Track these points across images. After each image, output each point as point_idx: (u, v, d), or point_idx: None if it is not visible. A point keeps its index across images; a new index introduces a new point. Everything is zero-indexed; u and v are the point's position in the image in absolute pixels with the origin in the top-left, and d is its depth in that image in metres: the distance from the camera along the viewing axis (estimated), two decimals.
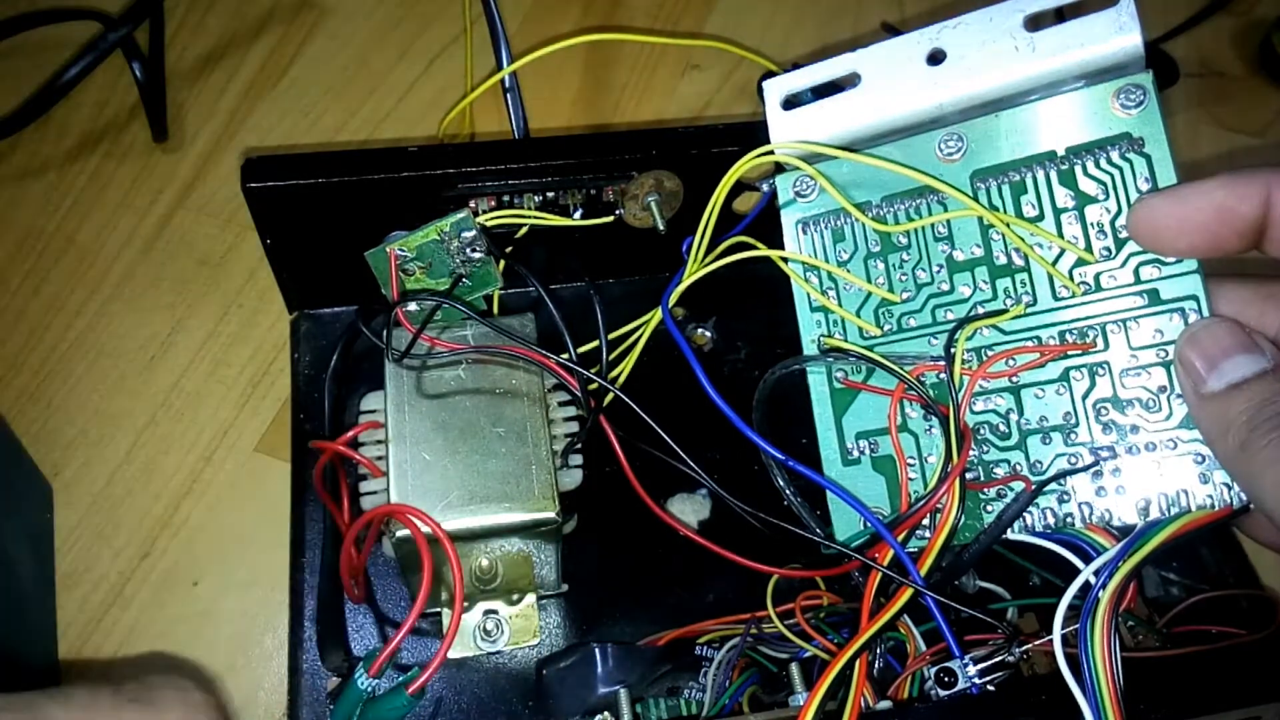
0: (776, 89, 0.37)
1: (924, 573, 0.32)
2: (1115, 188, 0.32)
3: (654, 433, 0.35)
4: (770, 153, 0.36)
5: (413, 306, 0.38)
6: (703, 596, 0.40)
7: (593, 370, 0.37)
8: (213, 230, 0.52)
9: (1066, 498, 0.32)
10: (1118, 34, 0.32)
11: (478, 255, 0.39)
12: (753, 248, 0.37)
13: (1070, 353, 0.33)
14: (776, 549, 0.36)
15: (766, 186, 0.40)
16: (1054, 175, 0.33)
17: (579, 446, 0.37)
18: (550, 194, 0.41)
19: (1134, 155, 0.32)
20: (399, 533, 0.34)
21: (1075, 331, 0.33)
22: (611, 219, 0.42)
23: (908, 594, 0.32)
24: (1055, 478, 0.32)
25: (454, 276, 0.39)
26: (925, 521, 0.33)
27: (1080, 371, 0.33)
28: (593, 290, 0.40)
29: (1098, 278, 0.32)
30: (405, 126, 0.56)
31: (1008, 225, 0.33)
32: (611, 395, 0.38)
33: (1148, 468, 0.31)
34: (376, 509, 0.34)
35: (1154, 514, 0.31)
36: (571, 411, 0.38)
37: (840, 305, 0.36)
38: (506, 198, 0.41)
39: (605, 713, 0.35)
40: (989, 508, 0.33)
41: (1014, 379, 0.33)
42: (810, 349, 0.37)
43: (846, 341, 0.36)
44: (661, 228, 0.42)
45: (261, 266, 0.49)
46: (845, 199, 0.35)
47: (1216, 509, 0.30)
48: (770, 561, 0.36)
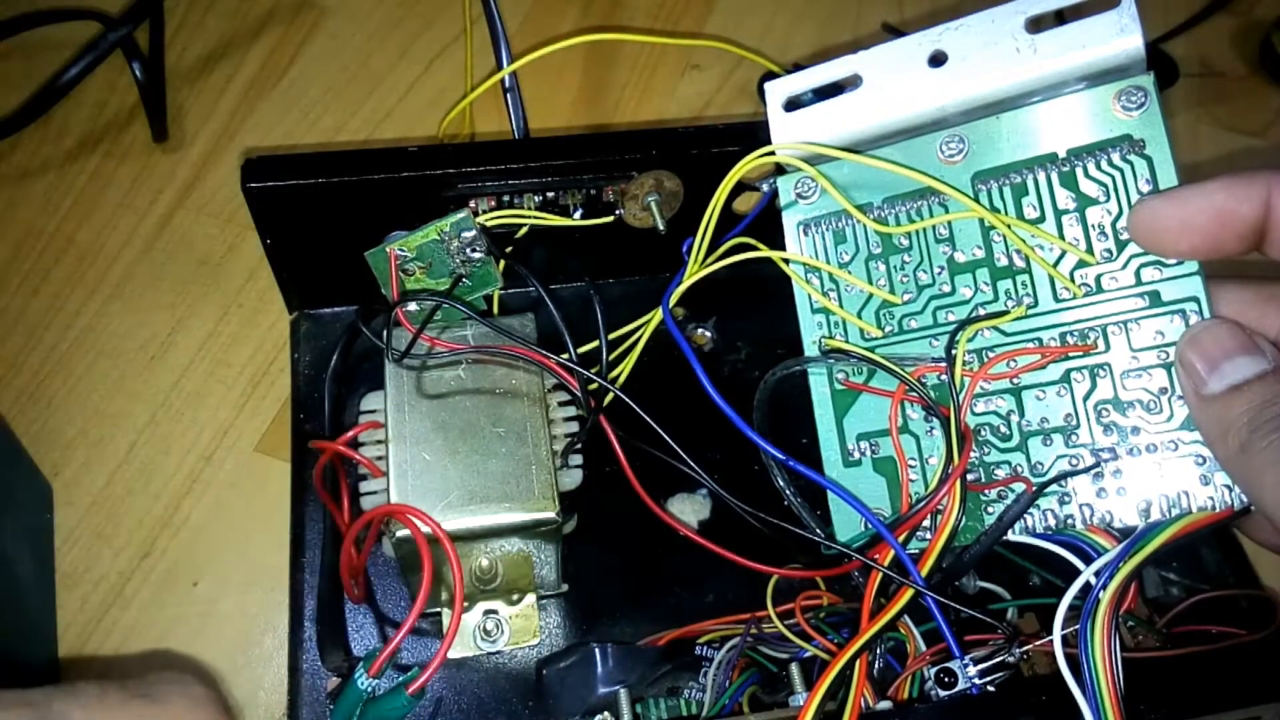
0: (778, 91, 0.37)
1: (924, 573, 0.32)
2: (1116, 189, 0.32)
3: (654, 433, 0.35)
4: (771, 153, 0.36)
5: (413, 306, 0.38)
6: (703, 596, 0.40)
7: (593, 370, 0.37)
8: (213, 230, 0.52)
9: (1067, 499, 0.32)
10: (1119, 36, 0.32)
11: (478, 255, 0.39)
12: (754, 248, 0.37)
13: (1071, 354, 0.33)
14: (776, 549, 0.36)
15: (767, 187, 0.40)
16: (1055, 177, 0.33)
17: (579, 446, 0.37)
18: (550, 194, 0.41)
19: (1135, 157, 0.32)
20: (399, 533, 0.34)
21: (1076, 333, 0.33)
22: (611, 219, 0.42)
23: (908, 594, 0.32)
24: (1056, 479, 0.32)
25: (454, 276, 0.39)
26: (926, 523, 0.33)
27: (1081, 373, 0.33)
28: (593, 290, 0.40)
29: (1099, 279, 0.32)
30: (405, 126, 0.56)
31: (1009, 227, 0.33)
32: (611, 395, 0.38)
33: (1149, 469, 0.31)
34: (376, 509, 0.34)
35: (1155, 515, 0.31)
36: (571, 411, 0.38)
37: (841, 306, 0.36)
38: (506, 198, 0.41)
39: (605, 713, 0.35)
40: (990, 509, 0.33)
41: (1015, 380, 0.33)
42: (811, 350, 0.37)
43: (847, 343, 0.36)
44: (661, 228, 0.42)
45: (261, 266, 0.49)
46: (846, 200, 0.35)
47: (1217, 510, 0.30)
48: (770, 561, 0.36)
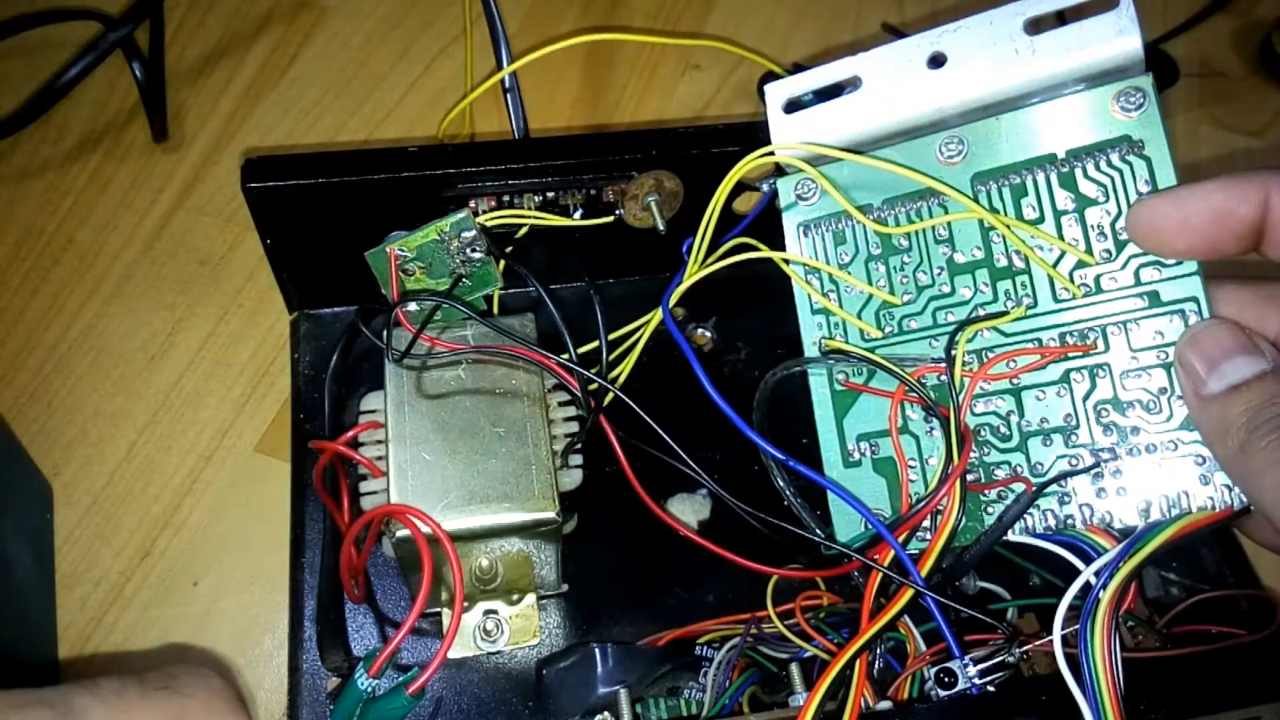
0: (778, 92, 0.37)
1: (924, 574, 0.32)
2: (1115, 190, 0.32)
3: (654, 433, 0.35)
4: (771, 154, 0.37)
5: (413, 306, 0.38)
6: (703, 596, 0.40)
7: (593, 370, 0.37)
8: (213, 230, 0.52)
9: (1067, 499, 0.32)
10: (1118, 37, 0.32)
11: (478, 255, 0.39)
12: (754, 248, 0.37)
13: (1071, 354, 0.33)
14: (776, 549, 0.36)
15: (767, 187, 0.40)
16: (1054, 178, 0.33)
17: (579, 446, 0.37)
18: (550, 194, 0.41)
19: (1134, 158, 0.32)
20: (399, 533, 0.34)
21: (1076, 333, 0.33)
22: (611, 219, 0.42)
23: (908, 594, 0.32)
24: (1056, 479, 0.32)
25: (454, 276, 0.39)
26: (926, 523, 0.33)
27: (1081, 373, 0.33)
28: (593, 290, 0.40)
29: (1098, 280, 0.32)
30: (405, 126, 0.56)
31: (1008, 227, 0.33)
32: (611, 395, 0.38)
33: (1148, 469, 0.31)
34: (376, 509, 0.34)
35: (1155, 515, 0.31)
36: (571, 411, 0.38)
37: (841, 307, 0.36)
38: (506, 198, 0.41)
39: (605, 713, 0.35)
40: (990, 509, 0.33)
41: (1015, 381, 0.33)
42: (811, 351, 0.37)
43: (847, 343, 0.36)
44: (661, 228, 0.42)
45: (261, 266, 0.49)
46: (846, 201, 0.35)
47: (1217, 510, 0.30)
48: (770, 562, 0.36)
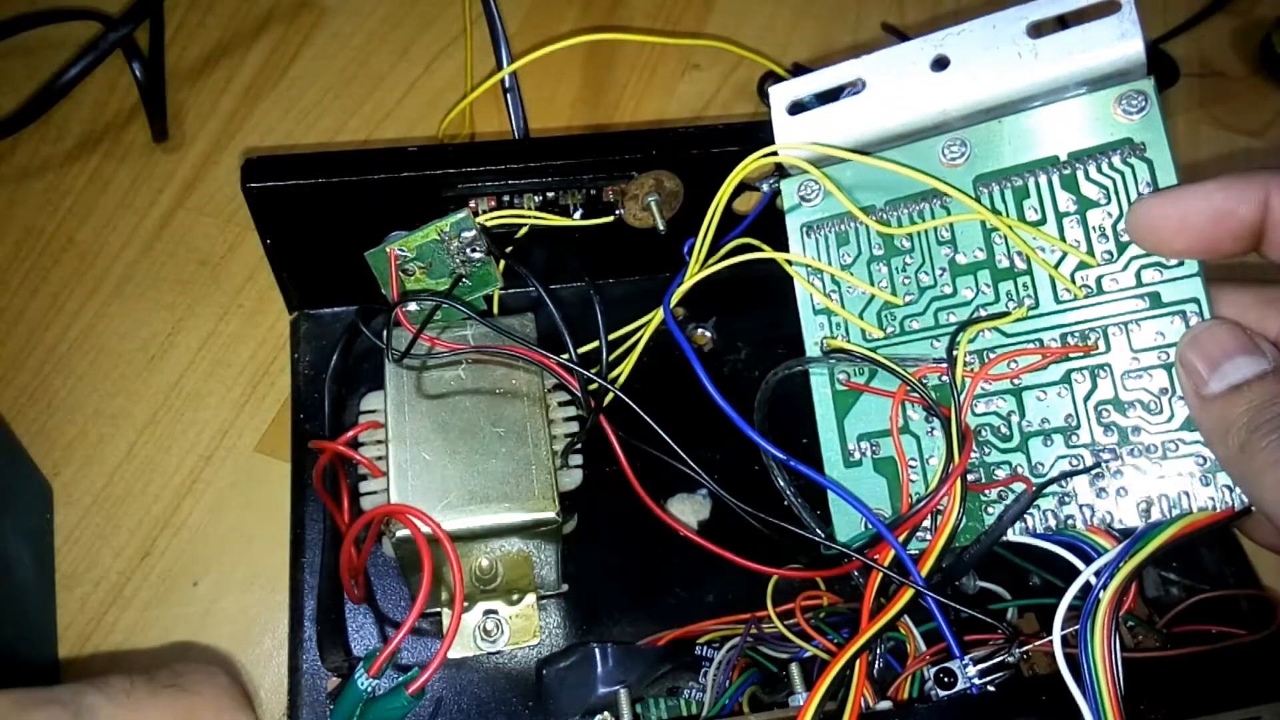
0: (782, 94, 0.37)
1: (924, 573, 0.32)
2: (1117, 192, 0.32)
3: (654, 433, 0.35)
4: (775, 153, 0.37)
5: (413, 306, 0.38)
6: (703, 596, 0.40)
7: (593, 370, 0.37)
8: (213, 230, 0.52)
9: (1068, 499, 0.32)
10: (1120, 40, 0.32)
11: (478, 255, 0.39)
12: (756, 249, 0.37)
13: (1072, 355, 0.33)
14: (776, 549, 0.36)
15: (767, 187, 0.40)
16: (1056, 180, 0.33)
17: (579, 446, 0.37)
18: (550, 194, 0.41)
19: (1136, 160, 0.32)
20: (399, 533, 0.34)
21: (1077, 334, 0.33)
22: (611, 219, 0.42)
23: (908, 594, 0.32)
24: (1056, 479, 0.32)
25: (454, 276, 0.39)
26: (926, 523, 0.33)
27: (1082, 374, 0.33)
28: (593, 290, 0.40)
29: (1099, 281, 0.32)
30: (405, 126, 0.56)
31: (1010, 229, 0.33)
32: (611, 395, 0.38)
33: (1149, 469, 0.31)
34: (376, 509, 0.34)
35: (1155, 516, 0.31)
36: (571, 411, 0.38)
37: (843, 307, 0.36)
38: (506, 198, 0.41)
39: (605, 713, 0.35)
40: (990, 509, 0.33)
41: (1016, 381, 0.33)
42: (813, 351, 0.37)
43: (849, 343, 0.36)
44: (662, 228, 0.42)
45: (261, 266, 0.49)
46: (850, 202, 0.35)
47: (1218, 511, 0.30)
48: (770, 562, 0.36)
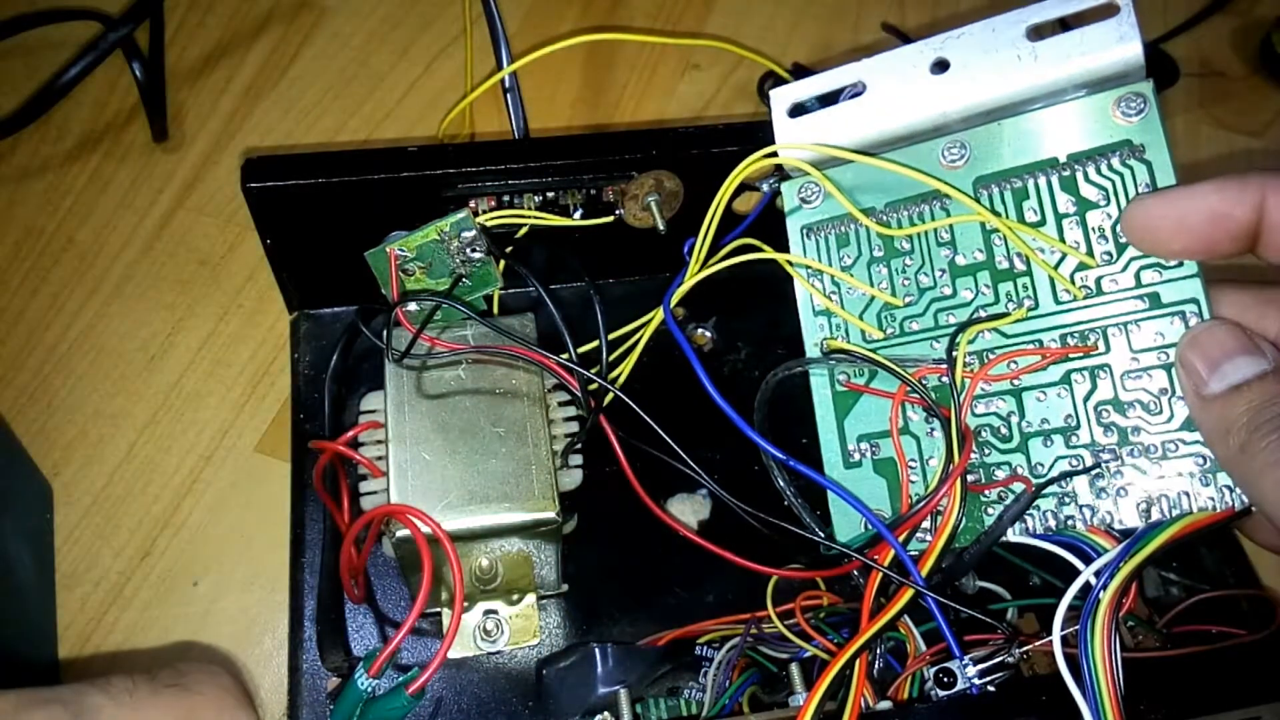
0: (783, 97, 0.37)
1: (924, 574, 0.32)
2: (1116, 194, 0.32)
3: (654, 433, 0.35)
4: (774, 154, 0.37)
5: (413, 306, 0.38)
6: (703, 596, 0.40)
7: (593, 370, 0.37)
8: (213, 230, 0.52)
9: (1068, 500, 0.32)
10: (1119, 43, 0.32)
11: (478, 255, 0.39)
12: (757, 249, 0.37)
13: (1071, 355, 0.33)
14: (776, 549, 0.36)
15: (767, 187, 0.40)
16: (1056, 181, 0.33)
17: (579, 446, 0.37)
18: (550, 194, 0.41)
19: (1135, 162, 0.32)
20: (399, 533, 0.34)
21: (1077, 334, 0.33)
22: (611, 219, 0.42)
23: (908, 594, 0.32)
24: (1056, 479, 0.32)
25: (454, 276, 0.39)
26: (926, 524, 0.33)
27: (1081, 374, 0.33)
28: (593, 290, 0.40)
29: (1099, 282, 0.33)
30: (405, 126, 0.56)
31: (1010, 230, 0.33)
32: (611, 395, 0.38)
33: (1149, 470, 0.31)
34: (376, 509, 0.34)
35: (1155, 516, 0.31)
36: (571, 411, 0.38)
37: (843, 308, 0.36)
38: (506, 198, 0.41)
39: (605, 713, 0.35)
40: (990, 510, 0.33)
41: (1015, 381, 0.33)
42: (813, 351, 0.37)
43: (849, 344, 0.36)
44: (662, 228, 0.42)
45: (261, 266, 0.49)
46: (850, 203, 0.35)
47: (1218, 511, 0.30)
48: (770, 562, 0.36)
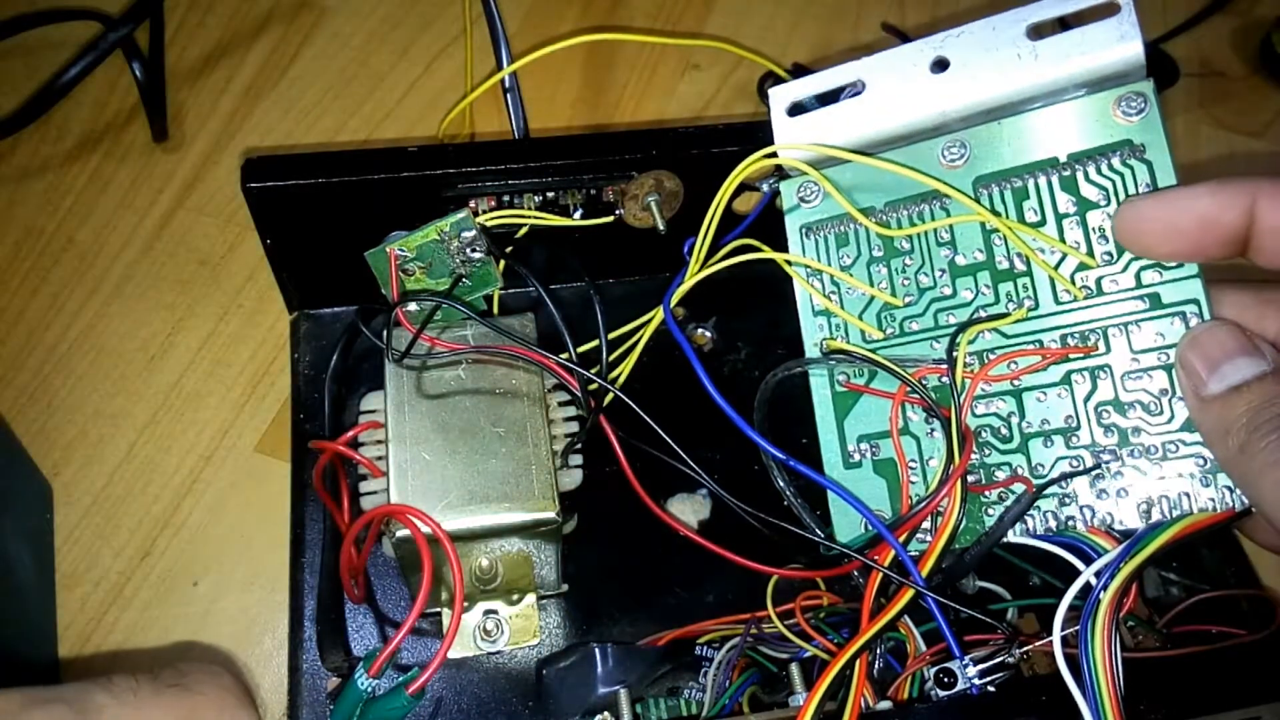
0: (781, 96, 0.37)
1: (925, 574, 0.32)
2: (1116, 193, 0.32)
3: (654, 433, 0.35)
4: (775, 154, 0.36)
5: (413, 306, 0.38)
6: (703, 596, 0.40)
7: (593, 370, 0.37)
8: (213, 230, 0.52)
9: (1068, 500, 0.32)
10: (1119, 43, 0.32)
11: (478, 255, 0.39)
12: (756, 249, 0.37)
13: (1072, 356, 0.33)
14: (776, 549, 0.36)
15: (767, 187, 0.40)
16: (1056, 181, 0.33)
17: (579, 446, 0.37)
18: (550, 194, 0.41)
19: (1135, 161, 0.32)
20: (399, 533, 0.34)
21: (1077, 335, 0.33)
22: (611, 219, 0.42)
23: (908, 595, 0.32)
24: (1057, 480, 0.32)
25: (454, 276, 0.39)
26: (926, 524, 0.33)
27: (1082, 375, 0.33)
28: (593, 290, 0.40)
29: (1099, 282, 0.32)
30: (405, 126, 0.56)
31: (1010, 230, 0.33)
32: (611, 395, 0.38)
33: (1149, 470, 0.31)
34: (376, 509, 0.34)
35: (1156, 517, 0.31)
36: (571, 411, 0.38)
37: (843, 308, 0.36)
38: (506, 198, 0.41)
39: (605, 713, 0.35)
40: (990, 510, 0.33)
41: (1015, 382, 0.33)
42: (813, 352, 0.37)
43: (849, 344, 0.36)
44: (662, 228, 0.42)
45: (261, 266, 0.49)
46: (849, 203, 0.35)
47: (1218, 512, 0.30)
48: (770, 562, 0.36)
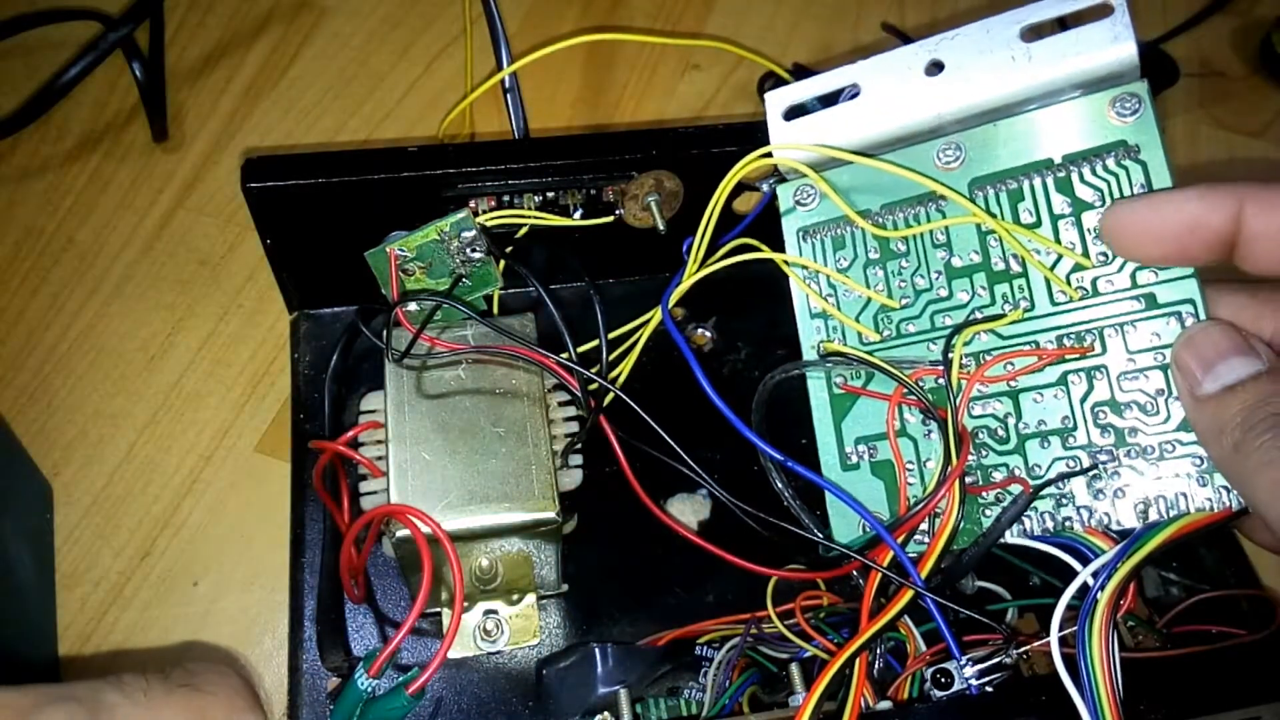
0: (777, 100, 0.37)
1: (924, 575, 0.32)
2: (1112, 194, 0.32)
3: (654, 433, 0.35)
4: (771, 154, 0.37)
5: (413, 306, 0.38)
6: (703, 596, 0.40)
7: (593, 370, 0.37)
8: (213, 230, 0.52)
9: (1065, 501, 0.32)
10: (1113, 44, 0.32)
11: (478, 255, 0.39)
12: (754, 249, 0.38)
13: (1068, 357, 0.33)
14: (776, 550, 0.36)
15: (767, 187, 0.40)
16: (1051, 182, 0.33)
17: (579, 446, 0.37)
18: (550, 194, 0.41)
19: (1130, 162, 0.32)
20: (399, 533, 0.34)
21: (1073, 336, 0.33)
22: (611, 219, 0.42)
23: (908, 595, 0.32)
24: (1054, 481, 0.32)
25: (454, 276, 0.39)
26: (924, 526, 0.33)
27: (1078, 375, 0.33)
28: (593, 290, 0.40)
29: (1095, 282, 0.33)
30: (405, 126, 0.56)
31: (1006, 231, 0.33)
32: (611, 395, 0.38)
33: (1146, 471, 0.31)
34: (376, 509, 0.34)
35: (1153, 517, 0.31)
36: (571, 411, 0.38)
37: (839, 310, 0.36)
38: (506, 198, 0.41)
39: (605, 713, 0.35)
40: (988, 511, 0.33)
41: (1012, 383, 0.34)
42: (810, 354, 0.37)
43: (846, 346, 0.36)
44: (661, 228, 0.42)
45: (261, 266, 0.49)
46: (845, 205, 0.35)
47: (1215, 511, 0.30)
48: (770, 562, 0.36)
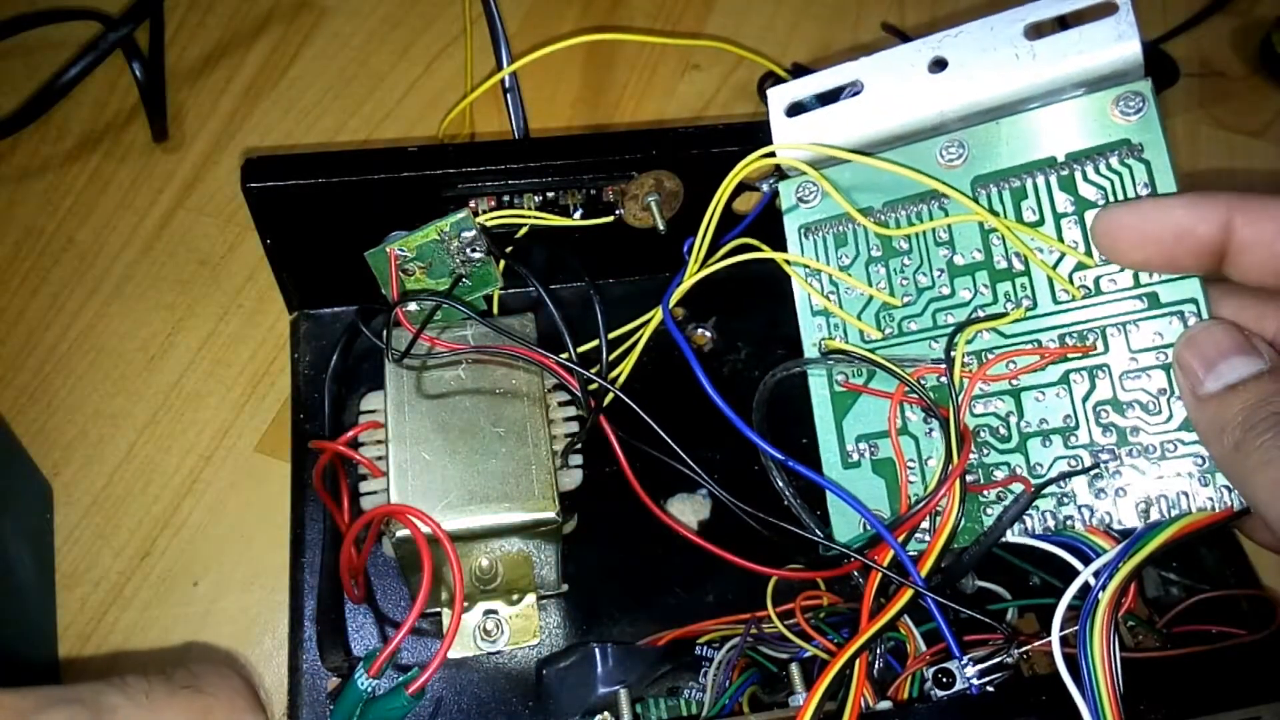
0: (780, 97, 0.37)
1: (924, 574, 0.32)
2: (1115, 193, 0.32)
3: (654, 433, 0.35)
4: (773, 154, 0.37)
5: (413, 306, 0.38)
6: (703, 596, 0.40)
7: (593, 370, 0.37)
8: (213, 230, 0.52)
9: (1067, 500, 0.32)
10: (1117, 42, 0.32)
11: (478, 255, 0.39)
12: (755, 249, 0.38)
13: (1070, 355, 0.33)
14: (776, 549, 0.36)
15: (767, 187, 0.40)
16: (1054, 181, 0.33)
17: (579, 446, 0.37)
18: (550, 194, 0.41)
19: (1133, 161, 0.32)
20: (399, 533, 0.34)
21: (1075, 334, 0.33)
22: (611, 219, 0.42)
23: (908, 595, 0.32)
24: (1055, 480, 0.32)
25: (454, 276, 0.39)
26: (925, 524, 0.33)
27: (1080, 374, 0.33)
28: (593, 290, 0.40)
29: (1097, 281, 0.33)
30: (405, 126, 0.56)
31: (1008, 229, 0.33)
32: (611, 395, 0.38)
33: (1148, 470, 0.31)
34: (376, 509, 0.34)
35: (1154, 516, 0.31)
36: (571, 411, 0.38)
37: (841, 308, 0.36)
38: (506, 198, 0.41)
39: (605, 713, 0.35)
40: (989, 510, 0.33)
41: (1014, 382, 0.34)
42: (811, 352, 0.37)
43: (847, 344, 0.36)
44: (662, 228, 0.42)
45: (261, 266, 0.49)
46: (848, 203, 0.35)
47: (1217, 511, 0.30)
48: (770, 562, 0.36)
